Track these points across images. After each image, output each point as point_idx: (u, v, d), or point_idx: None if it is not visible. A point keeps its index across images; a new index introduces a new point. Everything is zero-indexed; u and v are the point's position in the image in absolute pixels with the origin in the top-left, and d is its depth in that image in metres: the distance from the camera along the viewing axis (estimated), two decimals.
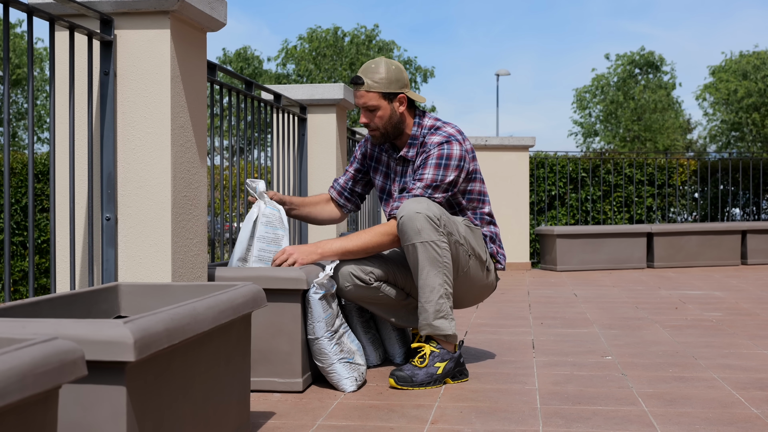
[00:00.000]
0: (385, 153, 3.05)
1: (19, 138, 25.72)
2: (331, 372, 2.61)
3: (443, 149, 2.80)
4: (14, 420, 0.99)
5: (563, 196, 9.39)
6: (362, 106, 2.84)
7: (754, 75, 25.96)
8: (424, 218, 2.65)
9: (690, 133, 32.87)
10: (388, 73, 2.83)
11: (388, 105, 2.84)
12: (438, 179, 2.78)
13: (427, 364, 2.67)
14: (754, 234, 8.34)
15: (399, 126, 2.88)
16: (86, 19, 2.25)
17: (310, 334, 2.60)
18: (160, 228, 2.28)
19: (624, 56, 30.10)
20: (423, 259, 2.67)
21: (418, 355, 2.72)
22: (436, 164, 2.79)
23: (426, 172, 2.80)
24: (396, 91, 2.84)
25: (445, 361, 2.71)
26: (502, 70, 28.36)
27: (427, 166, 2.80)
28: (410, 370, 2.66)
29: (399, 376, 2.64)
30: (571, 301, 5.19)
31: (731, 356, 3.20)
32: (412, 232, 2.66)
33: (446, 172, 2.79)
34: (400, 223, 2.69)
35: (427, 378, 2.66)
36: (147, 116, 2.28)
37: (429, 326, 2.71)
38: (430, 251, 2.66)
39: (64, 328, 1.37)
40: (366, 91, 2.81)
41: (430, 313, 2.69)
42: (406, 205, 2.70)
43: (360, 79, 2.82)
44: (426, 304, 2.70)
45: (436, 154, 2.80)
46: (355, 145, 5.68)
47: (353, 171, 3.16)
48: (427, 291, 2.69)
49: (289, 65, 26.60)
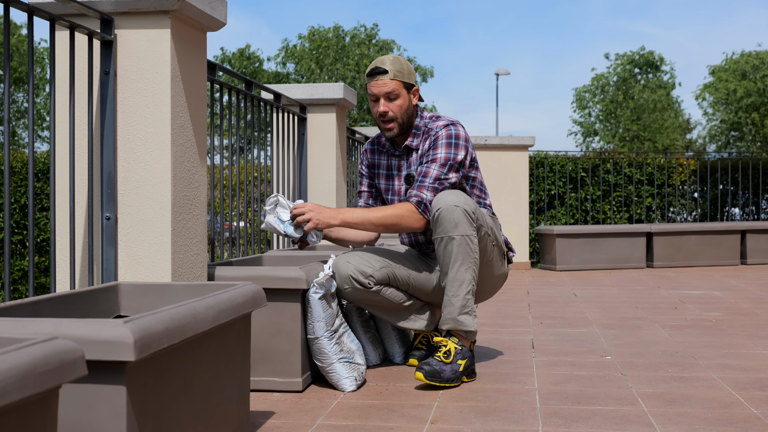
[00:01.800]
0: (384, 155, 3.05)
1: (18, 137, 25.71)
2: (330, 372, 2.61)
3: (450, 130, 2.86)
4: (15, 420, 0.99)
5: (563, 196, 9.39)
6: (384, 95, 2.85)
7: (753, 75, 25.96)
8: (462, 212, 2.66)
9: (689, 132, 32.88)
10: (406, 65, 2.90)
11: (407, 95, 2.88)
12: (450, 157, 2.81)
13: (452, 361, 2.67)
14: (754, 234, 8.34)
15: (411, 119, 2.91)
16: (86, 18, 2.25)
17: (310, 333, 2.61)
18: (160, 227, 2.28)
19: (624, 56, 30.11)
20: (457, 252, 2.68)
21: (441, 350, 2.70)
22: (447, 143, 2.83)
23: (438, 152, 2.83)
24: (413, 83, 2.91)
25: (465, 358, 2.71)
26: (501, 69, 28.37)
27: (438, 146, 2.84)
28: (438, 365, 2.63)
29: (427, 371, 2.61)
30: (570, 301, 5.19)
31: (731, 356, 3.20)
32: (449, 224, 2.66)
33: (457, 150, 2.83)
34: (437, 214, 2.68)
35: (452, 375, 2.65)
36: (147, 116, 2.28)
37: (453, 320, 2.70)
38: (464, 246, 2.68)
39: (65, 328, 1.37)
40: (390, 79, 2.84)
41: (456, 308, 2.69)
42: (444, 197, 2.70)
43: (381, 68, 2.84)
44: (453, 298, 2.70)
45: (445, 134, 2.85)
46: (354, 144, 5.68)
47: (367, 188, 3.13)
48: (456, 285, 2.69)
49: (289, 64, 26.60)
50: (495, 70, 28.59)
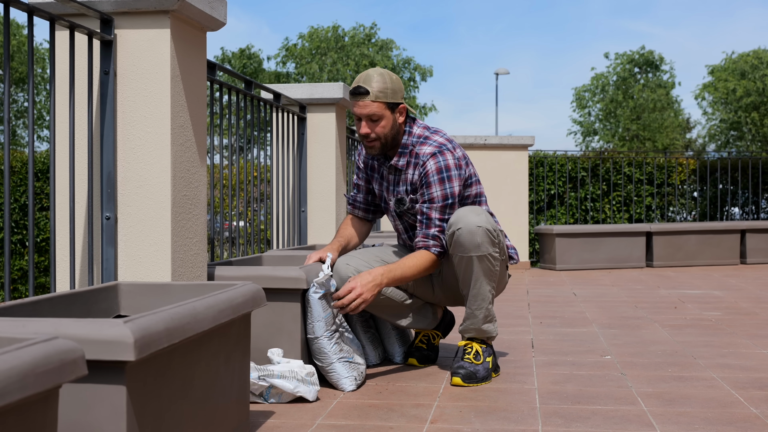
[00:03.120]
0: (378, 162, 3.01)
1: (18, 136, 25.70)
2: (330, 371, 2.61)
3: (438, 162, 2.78)
4: (15, 419, 0.99)
5: (562, 195, 9.39)
6: (365, 116, 2.76)
7: (753, 74, 25.96)
8: (484, 232, 2.68)
9: (689, 132, 32.87)
10: (391, 83, 2.78)
11: (391, 115, 2.79)
12: (447, 194, 2.78)
13: (482, 361, 2.76)
14: (753, 233, 8.34)
15: (397, 137, 2.83)
16: (86, 18, 2.25)
17: (310, 333, 2.61)
18: (159, 227, 2.28)
19: (623, 55, 30.10)
20: (478, 271, 2.72)
21: (469, 352, 2.78)
22: (439, 180, 2.78)
23: (432, 191, 2.78)
24: (398, 102, 2.80)
25: (491, 355, 2.82)
26: (501, 69, 28.35)
27: (431, 184, 2.78)
28: (471, 367, 2.72)
29: (464, 375, 2.69)
30: (570, 301, 5.19)
31: (730, 356, 3.20)
32: (472, 245, 2.68)
33: (451, 184, 2.78)
34: (458, 234, 2.68)
35: (485, 373, 2.74)
36: (147, 115, 2.28)
37: (477, 330, 2.80)
38: (486, 264, 2.72)
39: (65, 328, 1.37)
40: (371, 101, 2.75)
41: (480, 319, 2.78)
42: (464, 217, 2.69)
43: (363, 88, 2.74)
44: (477, 311, 2.77)
45: (434, 169, 2.78)
46: (354, 144, 5.68)
47: (365, 183, 3.08)
48: (479, 300, 2.76)
49: (289, 63, 26.59)
50: (495, 70, 28.58)
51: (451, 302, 3.05)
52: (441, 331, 3.17)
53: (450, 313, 3.23)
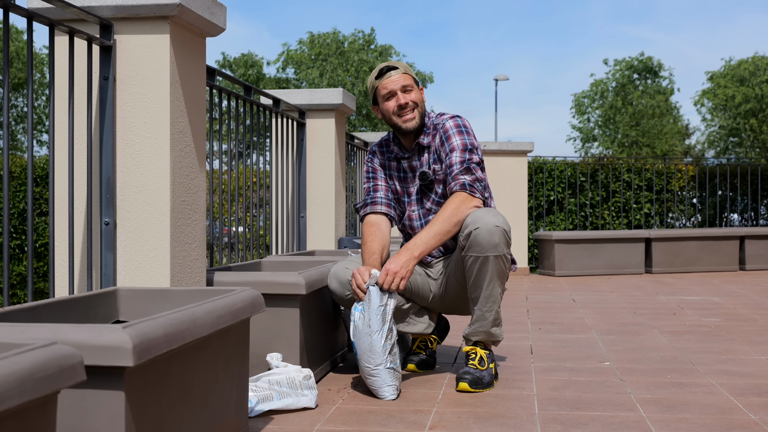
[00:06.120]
0: (393, 160, 3.02)
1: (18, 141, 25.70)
2: (375, 375, 2.53)
3: (457, 120, 2.93)
4: (13, 425, 0.99)
5: (562, 201, 9.40)
6: (401, 88, 2.89)
7: (751, 81, 26.02)
8: (502, 232, 2.68)
9: (688, 138, 32.90)
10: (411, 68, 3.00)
11: (418, 90, 2.96)
12: (467, 142, 2.87)
13: (487, 367, 2.77)
14: (753, 239, 8.35)
15: (423, 115, 2.95)
16: (86, 24, 2.26)
17: (363, 329, 2.52)
18: (158, 232, 2.28)
19: (622, 61, 30.16)
20: (493, 271, 2.71)
21: (474, 358, 2.78)
22: (458, 132, 2.89)
23: (452, 141, 2.88)
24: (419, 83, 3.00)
25: (493, 362, 2.83)
26: (500, 75, 28.39)
27: (451, 136, 2.89)
28: (477, 373, 2.72)
29: (471, 380, 2.68)
30: (569, 307, 5.19)
31: (729, 362, 3.20)
32: (489, 245, 2.67)
33: (469, 136, 2.90)
34: (476, 234, 2.68)
35: (490, 378, 2.75)
36: (146, 121, 2.29)
37: (486, 333, 2.80)
38: (500, 264, 2.72)
39: (63, 333, 1.37)
40: (403, 74, 2.91)
41: (489, 322, 2.78)
42: (482, 217, 2.69)
43: (392, 66, 2.92)
44: (487, 313, 2.77)
45: (453, 125, 2.91)
46: (354, 150, 5.68)
47: (383, 182, 3.03)
48: (490, 301, 2.76)
49: (289, 69, 26.63)
50: (494, 76, 28.63)
51: (447, 309, 3.05)
52: (438, 335, 3.17)
53: (444, 319, 3.23)
